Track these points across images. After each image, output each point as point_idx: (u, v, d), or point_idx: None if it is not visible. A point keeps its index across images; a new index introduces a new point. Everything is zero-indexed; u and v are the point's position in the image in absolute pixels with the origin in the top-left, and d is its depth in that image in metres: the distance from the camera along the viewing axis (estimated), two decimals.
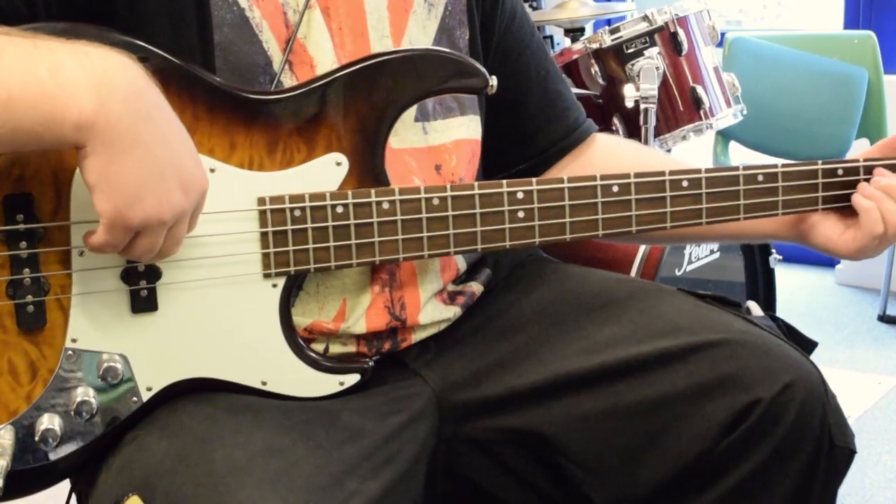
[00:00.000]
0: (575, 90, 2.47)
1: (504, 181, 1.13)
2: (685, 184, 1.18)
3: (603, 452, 1.15)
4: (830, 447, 1.12)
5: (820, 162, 1.23)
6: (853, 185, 1.23)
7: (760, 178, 1.20)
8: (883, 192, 1.22)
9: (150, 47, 1.01)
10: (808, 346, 1.23)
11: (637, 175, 1.17)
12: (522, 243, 1.14)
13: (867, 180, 1.24)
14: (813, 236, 1.26)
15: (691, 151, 3.04)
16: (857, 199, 1.22)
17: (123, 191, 0.90)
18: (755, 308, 1.23)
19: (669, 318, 1.18)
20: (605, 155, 1.39)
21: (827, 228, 1.25)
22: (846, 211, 1.24)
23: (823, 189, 1.23)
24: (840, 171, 1.23)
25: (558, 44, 3.12)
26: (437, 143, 1.20)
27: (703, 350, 1.13)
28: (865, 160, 1.24)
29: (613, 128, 2.48)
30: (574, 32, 2.81)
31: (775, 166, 1.21)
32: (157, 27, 1.05)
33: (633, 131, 2.44)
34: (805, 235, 1.27)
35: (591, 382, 1.15)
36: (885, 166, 1.24)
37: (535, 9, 3.02)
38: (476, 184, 1.12)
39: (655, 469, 1.13)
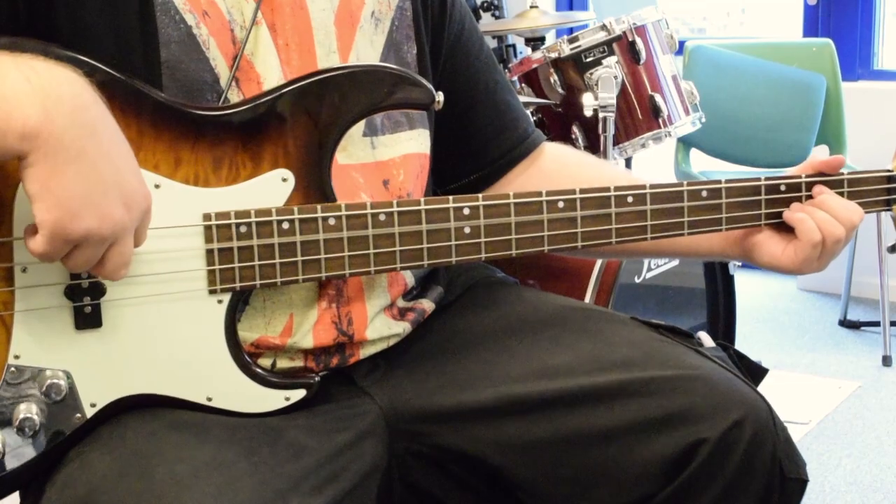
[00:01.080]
0: (534, 99, 2.48)
1: (451, 197, 1.13)
2: (630, 199, 1.18)
3: (548, 481, 1.15)
4: (782, 480, 1.13)
5: (763, 178, 1.24)
6: (796, 200, 1.25)
7: (704, 193, 1.21)
8: (814, 205, 1.23)
9: (94, 62, 1.00)
10: (758, 374, 1.23)
11: (582, 191, 1.17)
12: (468, 259, 1.14)
13: (809, 196, 1.25)
14: (758, 255, 1.27)
15: (652, 159, 3.07)
16: (788, 214, 1.24)
17: (65, 203, 0.89)
18: (706, 339, 1.23)
19: (621, 350, 1.18)
20: (554, 164, 1.40)
21: (770, 246, 1.26)
22: (787, 227, 1.25)
23: (766, 205, 1.24)
24: (782, 188, 1.24)
25: (520, 53, 3.14)
26: (386, 157, 1.20)
27: (654, 384, 1.13)
28: (807, 176, 1.25)
29: (573, 136, 2.49)
30: (535, 41, 2.83)
31: (719, 182, 1.22)
32: (101, 44, 1.04)
33: (592, 140, 2.46)
34: (750, 254, 1.28)
35: (540, 408, 1.14)
36: (823, 182, 1.25)
37: (496, 18, 3.03)
38: (422, 199, 1.12)
39: (603, 501, 1.14)
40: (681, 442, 1.10)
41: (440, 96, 1.12)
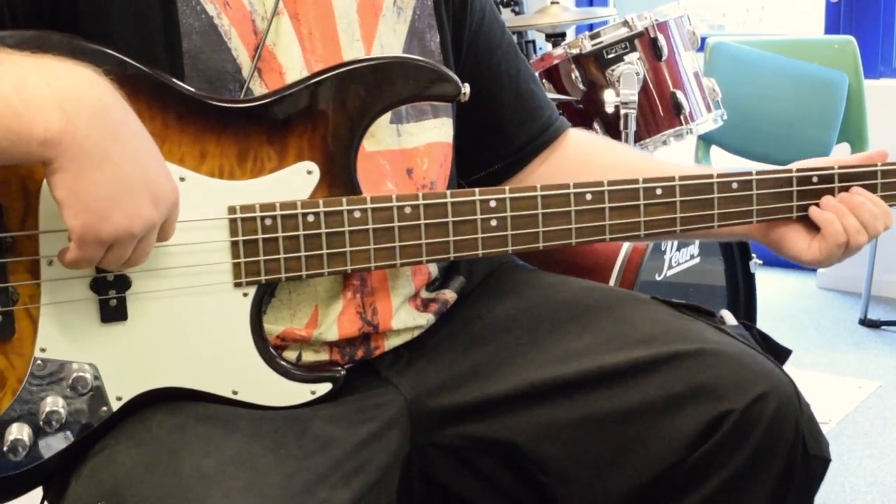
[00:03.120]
0: (556, 95, 2.47)
1: (476, 189, 1.12)
2: (659, 191, 1.17)
3: (574, 462, 1.14)
4: (804, 456, 1.12)
5: (794, 169, 1.22)
6: (828, 192, 1.23)
7: (735, 185, 1.20)
8: (849, 208, 1.22)
9: (119, 56, 1.00)
10: (782, 354, 1.23)
11: (611, 183, 1.16)
12: (495, 252, 1.13)
13: (843, 188, 1.23)
14: (783, 248, 1.27)
15: (672, 156, 3.03)
16: (816, 213, 1.23)
17: (93, 206, 0.90)
18: (729, 317, 1.23)
19: (643, 327, 1.17)
20: (579, 152, 1.39)
21: (797, 241, 1.25)
22: (813, 221, 1.24)
23: (798, 197, 1.23)
24: (815, 179, 1.23)
25: (540, 48, 3.12)
26: (410, 146, 1.20)
27: (676, 360, 1.12)
28: (840, 167, 1.24)
29: (594, 133, 2.48)
30: (556, 37, 2.82)
31: (749, 173, 1.21)
32: (124, 35, 1.04)
33: (613, 136, 2.44)
34: (776, 245, 1.28)
35: (564, 391, 1.14)
36: (860, 173, 1.24)
37: (516, 13, 3.02)
38: (448, 192, 1.11)
39: (627, 479, 1.13)
40: (705, 415, 1.10)
41: (466, 88, 1.12)
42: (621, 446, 1.13)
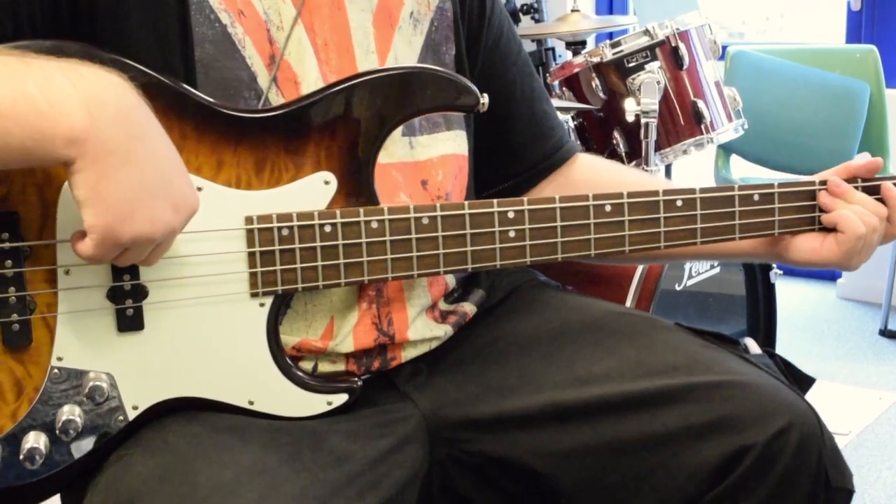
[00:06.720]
0: (576, 104, 2.47)
1: (495, 200, 1.12)
2: (679, 203, 1.17)
3: (591, 490, 1.13)
4: (827, 490, 1.11)
5: (817, 182, 1.22)
6: None
7: (756, 197, 1.19)
8: (859, 204, 1.21)
9: (137, 65, 1.00)
10: (805, 383, 1.21)
11: (630, 195, 1.15)
12: (513, 263, 1.13)
13: None
14: (792, 253, 1.25)
15: (692, 165, 3.04)
16: (828, 217, 1.22)
17: (114, 207, 0.90)
18: (753, 345, 1.22)
19: (666, 355, 1.16)
20: (589, 174, 1.39)
21: (806, 242, 1.24)
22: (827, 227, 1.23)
23: (820, 209, 1.22)
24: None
25: (560, 56, 3.12)
26: (424, 157, 1.20)
27: (699, 391, 1.11)
28: (863, 180, 1.22)
29: (614, 141, 2.48)
30: (576, 45, 2.82)
31: (772, 185, 1.20)
32: (141, 44, 1.05)
33: (633, 145, 2.44)
34: (783, 254, 1.26)
35: (584, 415, 1.13)
36: (869, 186, 1.23)
37: (536, 21, 3.02)
38: (466, 203, 1.11)
39: None
40: (726, 448, 1.09)
41: (485, 98, 1.11)
42: (639, 476, 1.12)
